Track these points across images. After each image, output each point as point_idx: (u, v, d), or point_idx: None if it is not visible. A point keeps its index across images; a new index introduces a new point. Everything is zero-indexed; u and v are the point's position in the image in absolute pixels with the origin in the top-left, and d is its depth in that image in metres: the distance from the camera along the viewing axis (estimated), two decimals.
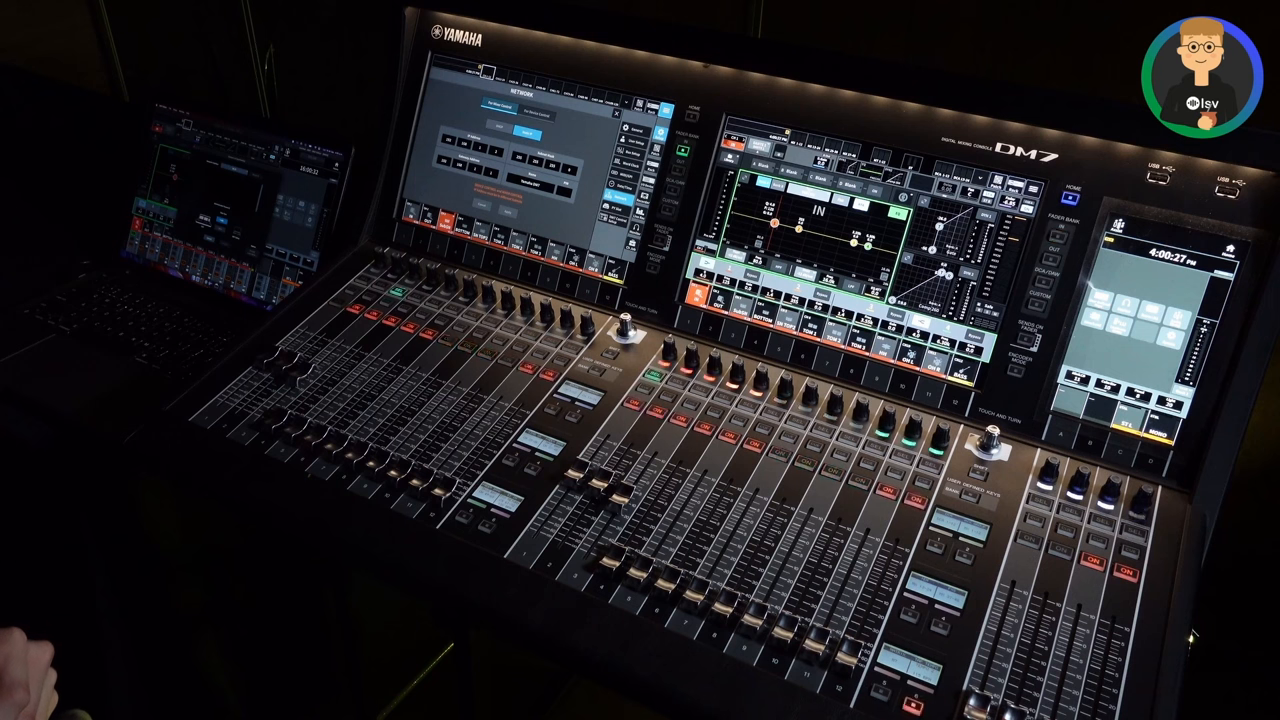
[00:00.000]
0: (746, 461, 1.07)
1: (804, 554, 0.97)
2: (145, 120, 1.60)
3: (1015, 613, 0.91)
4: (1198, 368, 1.03)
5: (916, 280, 1.15)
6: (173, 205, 1.58)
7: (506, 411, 1.15)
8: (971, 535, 0.99)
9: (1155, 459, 1.04)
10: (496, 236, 1.37)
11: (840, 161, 1.19)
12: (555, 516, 1.03)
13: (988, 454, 1.07)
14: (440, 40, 1.40)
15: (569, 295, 1.32)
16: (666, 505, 1.03)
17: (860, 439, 1.10)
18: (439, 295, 1.32)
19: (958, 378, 1.13)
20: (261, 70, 2.12)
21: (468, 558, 0.99)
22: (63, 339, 1.42)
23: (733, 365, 1.18)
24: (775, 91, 1.21)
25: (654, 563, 0.96)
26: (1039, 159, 1.10)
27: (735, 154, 1.24)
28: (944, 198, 1.14)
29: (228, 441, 1.12)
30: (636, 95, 1.29)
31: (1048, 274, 1.09)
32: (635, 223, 1.29)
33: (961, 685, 0.86)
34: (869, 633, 0.90)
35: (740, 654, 0.89)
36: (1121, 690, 0.85)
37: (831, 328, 1.19)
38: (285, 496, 1.07)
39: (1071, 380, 1.08)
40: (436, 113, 1.41)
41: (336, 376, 1.20)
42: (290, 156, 1.49)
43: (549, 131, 1.34)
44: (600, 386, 1.17)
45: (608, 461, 1.08)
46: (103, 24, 2.31)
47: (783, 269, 1.21)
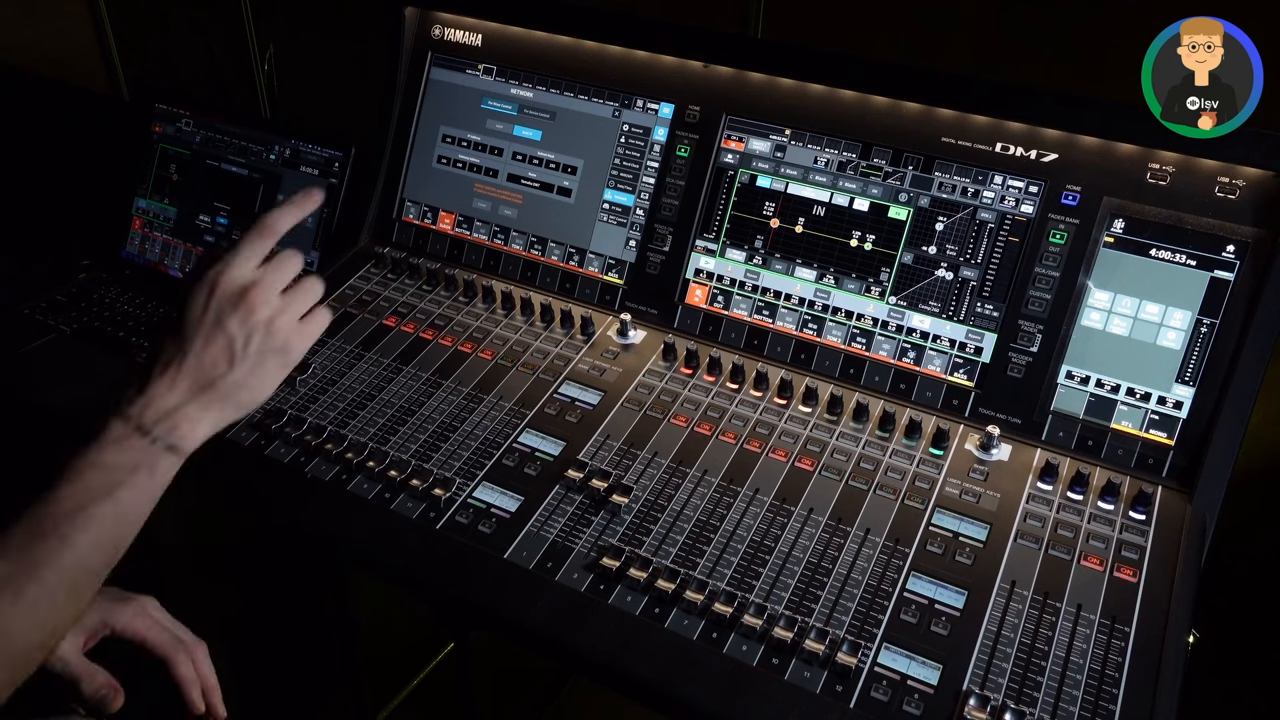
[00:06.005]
0: (746, 461, 1.07)
1: (804, 554, 0.97)
2: (145, 120, 1.60)
3: (1015, 613, 0.91)
4: (1198, 368, 1.03)
5: (916, 280, 1.15)
6: (173, 205, 1.58)
7: (506, 411, 1.15)
8: (971, 535, 0.99)
9: (1155, 459, 1.04)
10: (496, 236, 1.37)
11: (840, 161, 1.19)
12: (555, 516, 1.03)
13: (988, 454, 1.07)
14: (440, 40, 1.40)
15: (569, 295, 1.32)
16: (666, 505, 1.03)
17: (860, 439, 1.10)
18: (439, 295, 1.32)
19: (958, 378, 1.13)
20: (261, 70, 2.12)
21: (468, 558, 0.99)
22: (63, 339, 1.42)
23: (733, 365, 1.18)
24: (775, 91, 1.21)
25: (654, 563, 0.96)
26: (1039, 159, 1.10)
27: (735, 154, 1.24)
28: (944, 198, 1.14)
29: (228, 441, 1.12)
30: (636, 95, 1.29)
31: (1048, 274, 1.09)
32: (635, 223, 1.29)
33: (961, 685, 0.86)
34: (869, 633, 0.90)
35: (740, 654, 0.89)
36: (1121, 690, 0.85)
37: (831, 328, 1.19)
38: (285, 496, 1.07)
39: (1071, 380, 1.08)
40: (436, 113, 1.41)
41: (336, 376, 1.20)
42: (290, 156, 1.49)
43: (549, 131, 1.34)
44: (600, 386, 1.17)
45: (608, 461, 1.08)
46: (103, 24, 2.31)
47: (783, 269, 1.21)
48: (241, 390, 0.85)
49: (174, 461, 0.83)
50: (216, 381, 0.84)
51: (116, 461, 0.79)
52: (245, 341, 0.84)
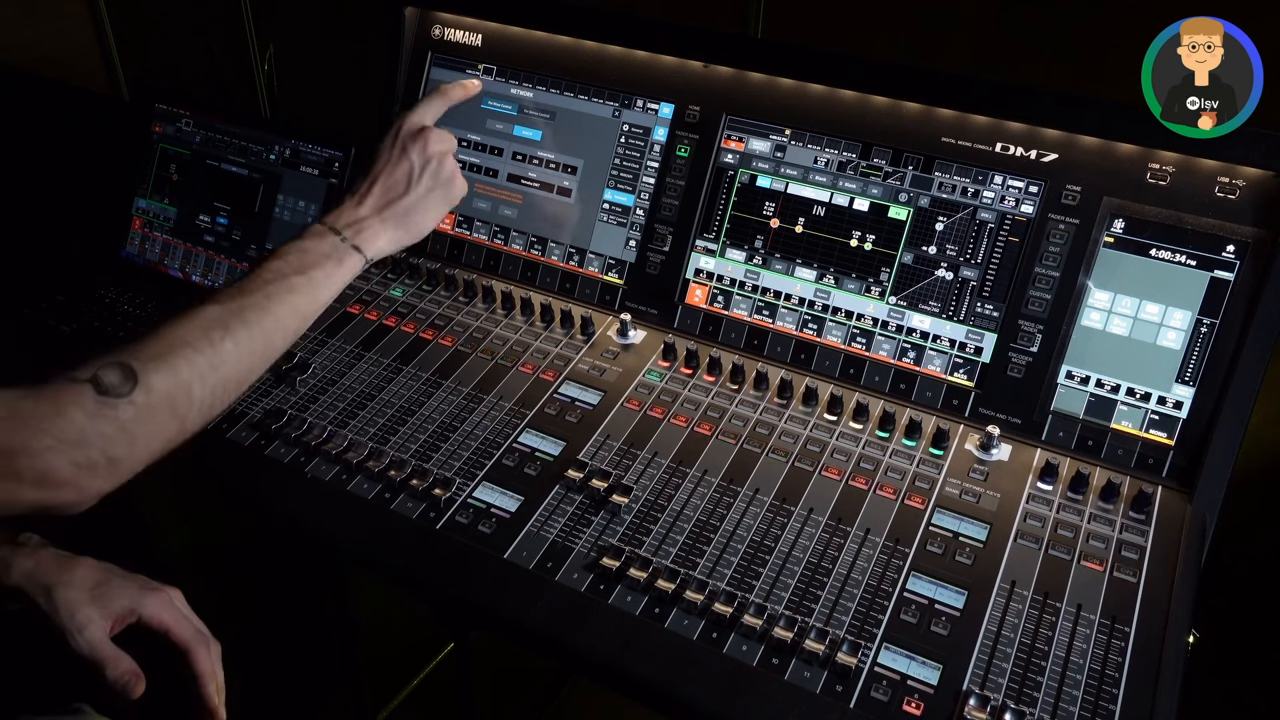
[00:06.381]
0: (746, 461, 1.07)
1: (804, 554, 0.97)
2: (145, 120, 1.60)
3: (1015, 613, 0.91)
4: (1198, 368, 1.03)
5: (916, 280, 1.15)
6: (173, 205, 1.58)
7: (506, 411, 1.15)
8: (971, 535, 0.99)
9: (1155, 459, 1.04)
10: (496, 236, 1.37)
11: (840, 161, 1.19)
12: (555, 516, 1.03)
13: (988, 454, 1.07)
14: (440, 40, 1.40)
15: (569, 295, 1.32)
16: (666, 505, 1.03)
17: (860, 439, 1.10)
18: (439, 295, 1.32)
19: (958, 378, 1.13)
20: (261, 70, 2.12)
21: (468, 558, 0.99)
22: (63, 339, 1.42)
23: (733, 365, 1.18)
24: (775, 91, 1.21)
25: (654, 563, 0.96)
26: (1039, 159, 1.10)
27: (735, 154, 1.24)
28: (944, 198, 1.14)
29: (228, 441, 1.12)
30: (636, 95, 1.29)
31: (1048, 274, 1.09)
32: (635, 223, 1.29)
33: (961, 685, 0.86)
34: (869, 633, 0.90)
35: (740, 654, 0.89)
36: (1121, 690, 0.85)
37: (831, 328, 1.19)
38: (285, 496, 1.07)
39: (1071, 380, 1.08)
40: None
41: (336, 376, 1.20)
42: (290, 156, 1.49)
43: (549, 131, 1.34)
44: (600, 386, 1.17)
45: (608, 461, 1.08)
46: (103, 24, 2.31)
47: (783, 269, 1.21)
48: (413, 213, 1.08)
49: (358, 260, 1.03)
50: (394, 202, 1.07)
51: (314, 247, 1.01)
52: (421, 170, 1.08)
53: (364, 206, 1.07)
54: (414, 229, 1.09)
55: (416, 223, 1.09)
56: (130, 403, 0.84)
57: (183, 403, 0.88)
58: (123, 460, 0.85)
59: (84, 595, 0.93)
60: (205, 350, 0.90)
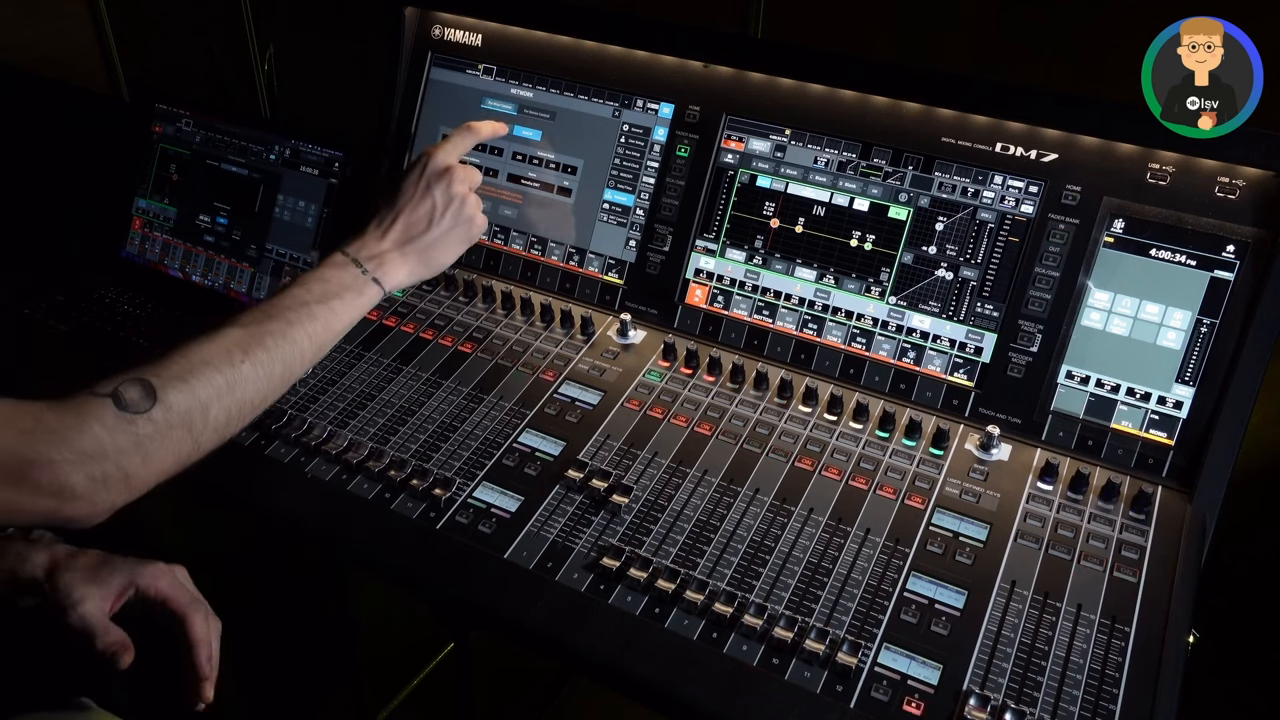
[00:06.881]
0: (746, 461, 1.07)
1: (804, 554, 0.97)
2: (145, 120, 1.60)
3: (1015, 613, 0.92)
4: (1198, 368, 1.03)
5: (916, 280, 1.15)
6: (173, 205, 1.58)
7: (506, 411, 1.15)
8: (971, 535, 0.99)
9: (1155, 459, 1.04)
10: (496, 236, 1.37)
11: (840, 161, 1.19)
12: (555, 516, 1.03)
13: (988, 454, 1.07)
14: (440, 40, 1.40)
15: (569, 295, 1.32)
16: (666, 505, 1.03)
17: (860, 439, 1.10)
18: (439, 295, 1.32)
19: (958, 378, 1.13)
20: (261, 70, 2.12)
21: (468, 558, 0.99)
22: (63, 339, 1.42)
23: (733, 365, 1.18)
24: (775, 91, 1.21)
25: (654, 563, 0.96)
26: (1039, 159, 1.10)
27: (735, 154, 1.24)
28: (944, 198, 1.14)
29: (228, 441, 1.12)
30: (636, 95, 1.29)
31: (1048, 274, 1.09)
32: (635, 223, 1.29)
33: (962, 685, 0.86)
34: (869, 633, 0.91)
35: (740, 654, 0.89)
36: (1121, 690, 0.85)
37: (831, 328, 1.19)
38: (285, 496, 1.07)
39: (1071, 380, 1.08)
40: (436, 113, 1.41)
41: (336, 376, 1.20)
42: (290, 156, 1.49)
43: (549, 131, 1.34)
44: (600, 386, 1.17)
45: (608, 461, 1.08)
46: (103, 24, 2.31)
47: (783, 269, 1.21)
48: (433, 249, 1.13)
49: (377, 292, 1.08)
50: (415, 239, 1.12)
51: (336, 277, 1.05)
52: (444, 209, 1.13)
53: (386, 240, 1.11)
54: (433, 265, 1.15)
55: (436, 259, 1.15)
56: (149, 419, 0.86)
57: (199, 422, 0.91)
58: (136, 476, 0.86)
59: (84, 575, 0.94)
60: (225, 371, 0.93)
